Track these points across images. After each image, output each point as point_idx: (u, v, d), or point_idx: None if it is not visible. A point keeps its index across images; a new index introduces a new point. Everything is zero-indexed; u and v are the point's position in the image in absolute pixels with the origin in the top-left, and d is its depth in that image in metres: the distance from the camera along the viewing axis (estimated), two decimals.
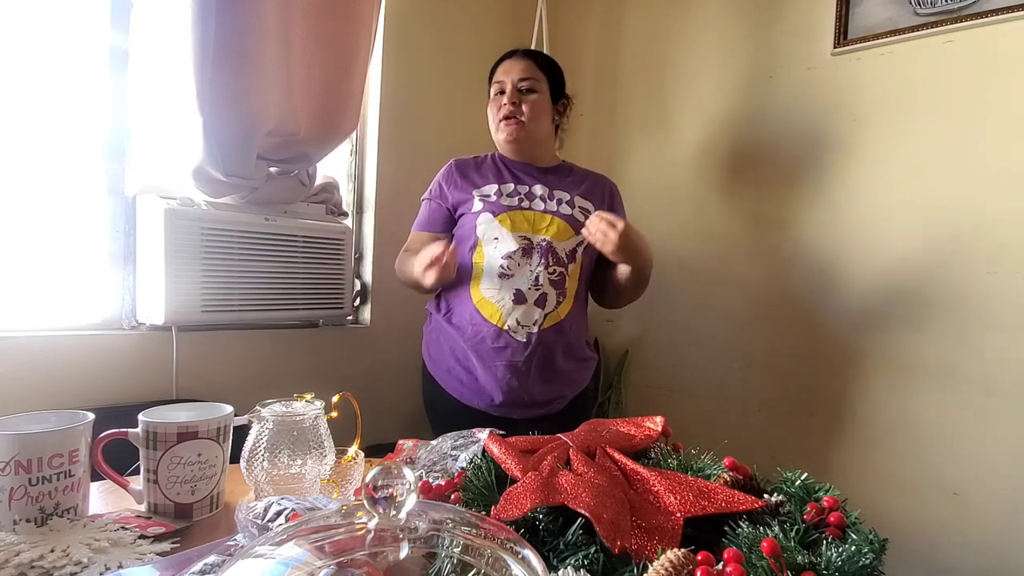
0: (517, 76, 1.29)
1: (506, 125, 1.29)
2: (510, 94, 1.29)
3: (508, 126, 1.29)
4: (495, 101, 1.33)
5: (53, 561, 0.55)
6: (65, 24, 1.23)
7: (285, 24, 1.31)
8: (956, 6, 1.30)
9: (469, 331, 1.24)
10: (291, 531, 0.39)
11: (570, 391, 1.30)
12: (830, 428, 1.50)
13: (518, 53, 1.35)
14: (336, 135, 1.49)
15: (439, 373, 1.32)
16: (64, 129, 1.24)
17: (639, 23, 1.93)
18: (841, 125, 1.49)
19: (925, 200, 1.36)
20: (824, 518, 0.54)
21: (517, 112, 1.28)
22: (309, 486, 0.73)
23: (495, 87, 1.33)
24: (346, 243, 1.55)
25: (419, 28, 1.76)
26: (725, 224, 1.71)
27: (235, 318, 1.36)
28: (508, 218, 1.24)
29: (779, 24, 1.60)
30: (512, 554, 0.37)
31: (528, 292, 1.21)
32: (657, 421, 0.73)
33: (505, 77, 1.30)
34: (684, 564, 0.45)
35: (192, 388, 1.33)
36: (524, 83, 1.29)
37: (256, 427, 0.73)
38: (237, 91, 1.23)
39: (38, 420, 0.67)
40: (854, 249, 1.47)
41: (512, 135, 1.29)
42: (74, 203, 1.26)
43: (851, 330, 1.47)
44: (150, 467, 0.70)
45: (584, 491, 0.53)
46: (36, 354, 1.15)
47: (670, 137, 1.84)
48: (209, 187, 1.29)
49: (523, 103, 1.29)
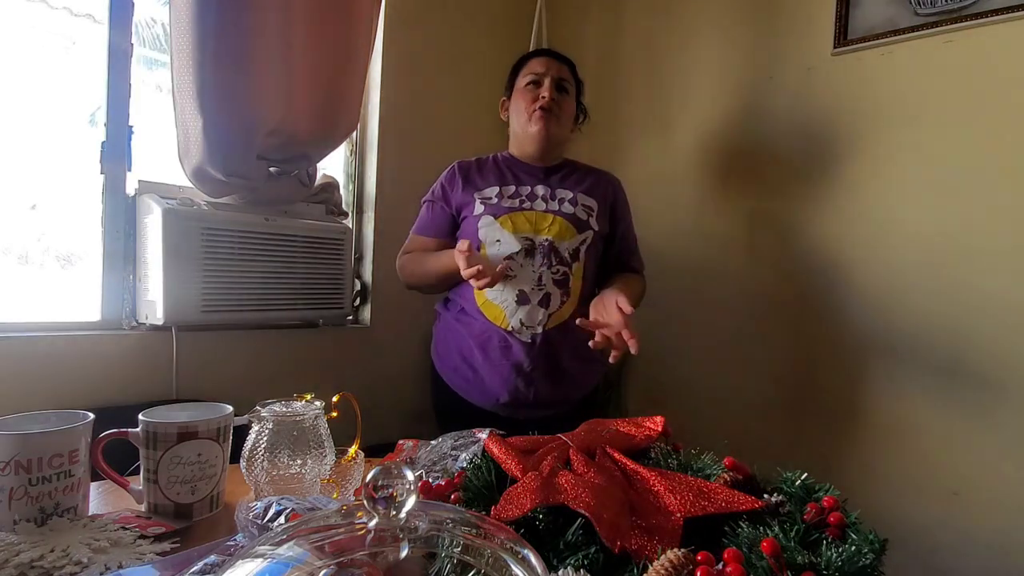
0: (556, 73, 1.29)
1: (541, 117, 1.27)
2: (550, 88, 1.27)
3: (543, 118, 1.27)
4: (528, 92, 1.30)
5: (53, 561, 0.55)
6: (65, 24, 1.23)
7: (285, 24, 1.31)
8: (956, 6, 1.30)
9: (475, 331, 1.24)
10: (291, 531, 0.39)
11: (577, 393, 1.30)
12: (830, 428, 1.50)
13: (553, 53, 1.35)
14: (336, 135, 1.49)
15: (446, 372, 1.32)
16: (64, 129, 1.24)
17: (639, 23, 1.92)
18: (841, 125, 1.49)
19: (925, 200, 1.36)
20: (824, 518, 0.54)
21: (555, 107, 1.27)
22: (309, 486, 0.73)
23: (528, 77, 1.30)
24: (346, 243, 1.55)
25: (419, 28, 1.76)
26: (725, 224, 1.71)
27: (235, 318, 1.36)
28: (509, 219, 1.24)
29: (779, 24, 1.60)
30: (512, 554, 0.37)
31: (531, 292, 1.21)
32: (657, 421, 0.73)
33: (544, 70, 1.29)
34: (684, 564, 0.45)
35: (192, 388, 1.33)
36: (563, 82, 1.30)
37: (256, 427, 0.73)
38: (237, 91, 1.23)
39: (38, 420, 0.67)
40: (854, 249, 1.47)
41: (546, 128, 1.27)
42: (74, 203, 1.26)
43: (851, 330, 1.47)
44: (150, 467, 0.70)
45: (584, 491, 0.53)
46: (36, 354, 1.15)
47: (670, 137, 1.83)
48: (209, 187, 1.29)
49: (561, 101, 1.29)
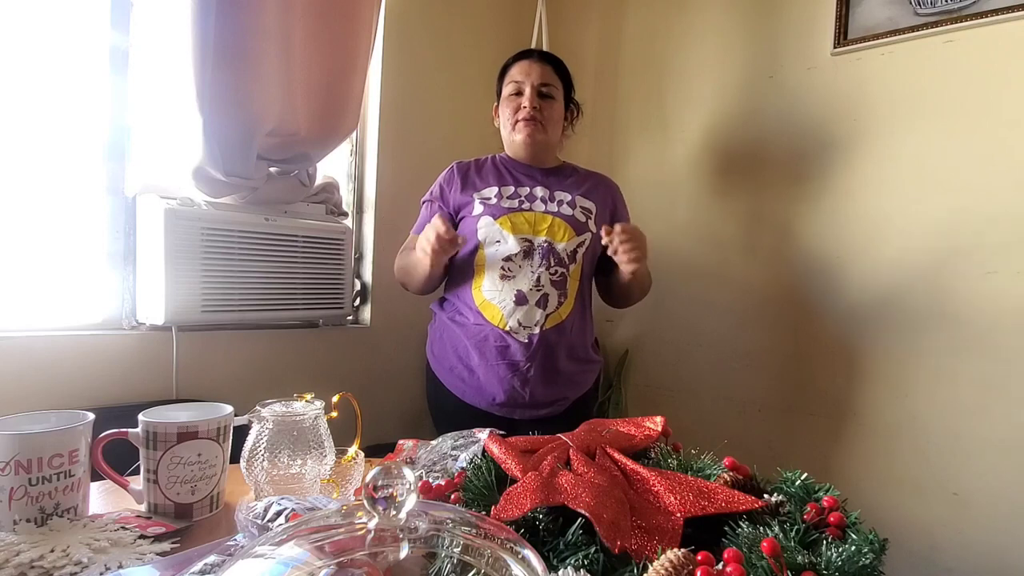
0: (538, 80, 1.28)
1: (525, 126, 1.27)
2: (531, 97, 1.27)
3: (527, 127, 1.27)
4: (511, 101, 1.30)
5: (53, 561, 0.55)
6: (65, 24, 1.23)
7: (285, 24, 1.31)
8: (956, 6, 1.30)
9: (472, 331, 1.24)
10: (291, 531, 0.39)
11: (572, 393, 1.30)
12: (830, 428, 1.50)
13: (535, 55, 1.32)
14: (336, 135, 1.49)
15: (442, 371, 1.32)
16: (64, 129, 1.24)
17: (639, 23, 1.93)
18: (841, 125, 1.49)
19: (925, 200, 1.36)
20: (824, 518, 0.54)
21: (538, 115, 1.27)
22: (309, 486, 0.73)
23: (511, 87, 1.30)
24: (346, 243, 1.55)
25: (419, 28, 1.76)
26: (725, 224, 1.71)
27: (235, 318, 1.36)
28: (508, 220, 1.24)
29: (779, 24, 1.60)
30: (512, 554, 0.37)
31: (529, 293, 1.21)
32: (657, 421, 0.73)
33: (524, 78, 1.28)
34: (684, 564, 0.45)
35: (192, 388, 1.33)
36: (545, 88, 1.28)
37: (256, 427, 0.73)
38: (237, 91, 1.23)
39: (38, 420, 0.67)
40: (854, 249, 1.47)
41: (531, 137, 1.28)
42: (74, 203, 1.26)
43: (851, 330, 1.47)
44: (150, 467, 0.70)
45: (584, 491, 0.53)
46: (36, 354, 1.15)
47: (670, 137, 1.83)
48: (209, 187, 1.29)
49: (544, 108, 1.28)
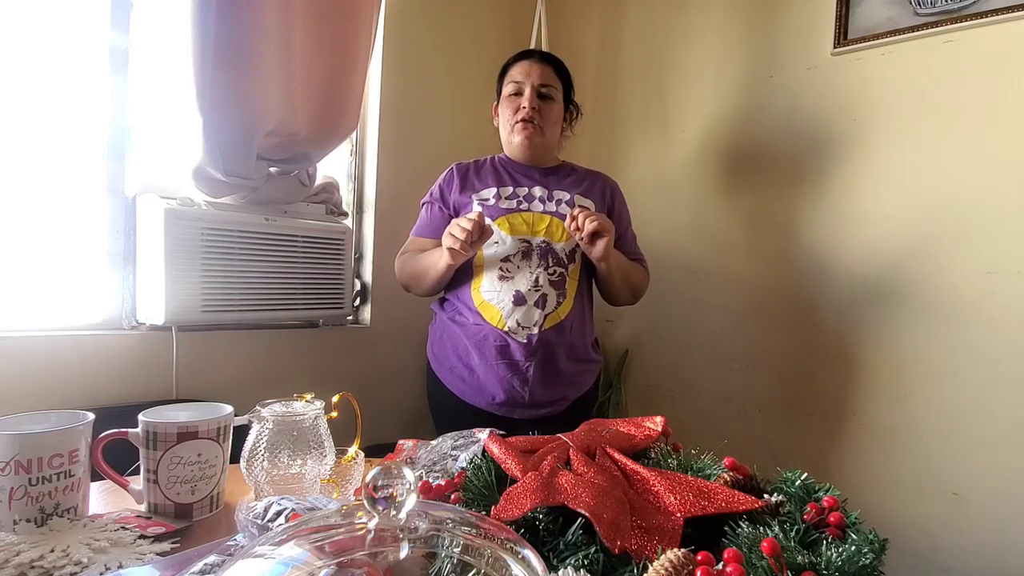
0: (538, 80, 1.27)
1: (523, 128, 1.27)
2: (530, 98, 1.27)
3: (526, 129, 1.27)
4: (510, 101, 1.30)
5: (53, 561, 0.55)
6: (65, 24, 1.23)
7: (285, 24, 1.31)
8: (956, 6, 1.30)
9: (471, 331, 1.24)
10: (291, 531, 0.39)
11: (572, 393, 1.30)
12: (830, 428, 1.50)
13: (536, 55, 1.32)
14: (336, 135, 1.49)
15: (442, 371, 1.32)
16: (64, 129, 1.24)
17: (639, 23, 1.92)
18: (841, 125, 1.49)
19: (925, 200, 1.36)
20: (824, 518, 0.54)
21: (536, 117, 1.27)
22: (309, 486, 0.73)
23: (511, 87, 1.30)
24: (346, 243, 1.55)
25: (419, 28, 1.76)
26: (725, 224, 1.71)
27: (235, 318, 1.36)
28: (507, 221, 1.24)
29: (779, 24, 1.60)
30: (512, 554, 0.37)
31: (528, 293, 1.21)
32: (657, 421, 0.73)
33: (524, 79, 1.28)
34: (684, 564, 0.45)
35: (192, 388, 1.33)
36: (545, 89, 1.28)
37: (256, 427, 0.73)
38: (237, 91, 1.23)
39: (38, 420, 0.67)
40: (854, 249, 1.47)
41: (530, 139, 1.28)
42: (74, 203, 1.26)
43: (851, 330, 1.47)
44: (150, 467, 0.70)
45: (584, 491, 0.53)
46: (36, 354, 1.15)
47: (670, 137, 1.83)
48: (209, 187, 1.29)
49: (543, 109, 1.28)
